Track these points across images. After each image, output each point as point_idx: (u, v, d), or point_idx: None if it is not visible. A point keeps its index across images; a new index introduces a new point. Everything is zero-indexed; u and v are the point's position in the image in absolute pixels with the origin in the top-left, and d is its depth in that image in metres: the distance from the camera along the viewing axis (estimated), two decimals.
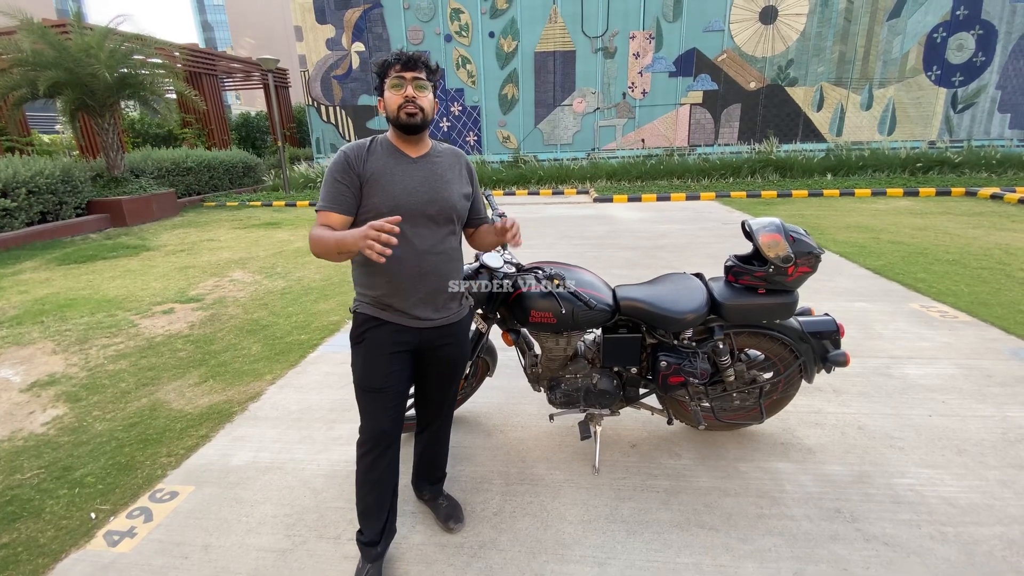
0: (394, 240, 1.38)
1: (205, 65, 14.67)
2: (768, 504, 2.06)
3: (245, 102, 55.04)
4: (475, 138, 14.49)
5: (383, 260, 1.37)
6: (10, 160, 8.33)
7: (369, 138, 1.70)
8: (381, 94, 1.65)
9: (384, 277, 1.67)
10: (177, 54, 12.66)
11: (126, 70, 9.54)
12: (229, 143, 15.73)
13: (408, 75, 1.58)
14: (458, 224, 1.77)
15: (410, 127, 1.61)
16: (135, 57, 9.85)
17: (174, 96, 11.43)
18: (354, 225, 1.63)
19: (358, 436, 1.76)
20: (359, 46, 14.18)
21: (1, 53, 8.64)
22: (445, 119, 14.42)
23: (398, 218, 1.42)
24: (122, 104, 10.78)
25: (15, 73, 8.59)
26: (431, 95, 1.65)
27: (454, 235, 1.76)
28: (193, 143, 14.53)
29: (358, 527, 1.80)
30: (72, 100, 9.02)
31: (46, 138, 15.79)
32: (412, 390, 1.97)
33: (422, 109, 1.61)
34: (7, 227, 7.82)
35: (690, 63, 13.19)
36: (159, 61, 10.60)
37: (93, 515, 2.15)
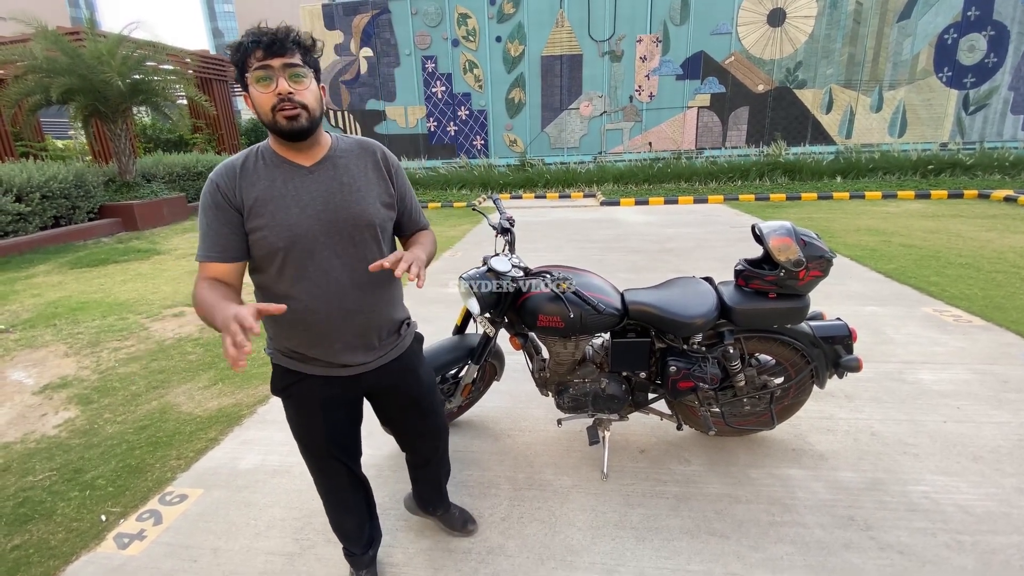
0: (248, 347, 0.98)
1: (216, 71, 14.83)
2: (780, 511, 2.03)
3: None
4: (482, 142, 14.51)
5: (238, 369, 0.98)
6: (24, 165, 8.45)
7: (245, 150, 1.31)
8: (245, 88, 1.22)
9: (298, 326, 1.33)
10: (188, 60, 12.81)
11: (139, 76, 9.67)
12: (239, 148, 15.88)
13: (276, 63, 1.17)
14: (384, 240, 1.41)
15: (293, 134, 1.23)
16: (148, 64, 9.98)
17: (185, 102, 11.57)
18: (251, 267, 1.34)
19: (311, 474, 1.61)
20: (367, 51, 14.27)
21: (16, 60, 8.78)
22: (452, 123, 14.46)
23: (282, 308, 1.09)
24: (134, 110, 10.92)
25: (29, 79, 8.72)
26: (313, 84, 1.24)
27: (381, 255, 1.37)
28: (204, 148, 14.69)
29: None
30: (85, 106, 9.15)
31: (60, 143, 16.01)
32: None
33: (305, 107, 1.21)
34: (21, 231, 7.93)
35: (697, 66, 13.14)
36: (171, 67, 10.73)
37: (103, 517, 2.17)
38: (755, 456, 2.37)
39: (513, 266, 2.07)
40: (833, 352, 2.21)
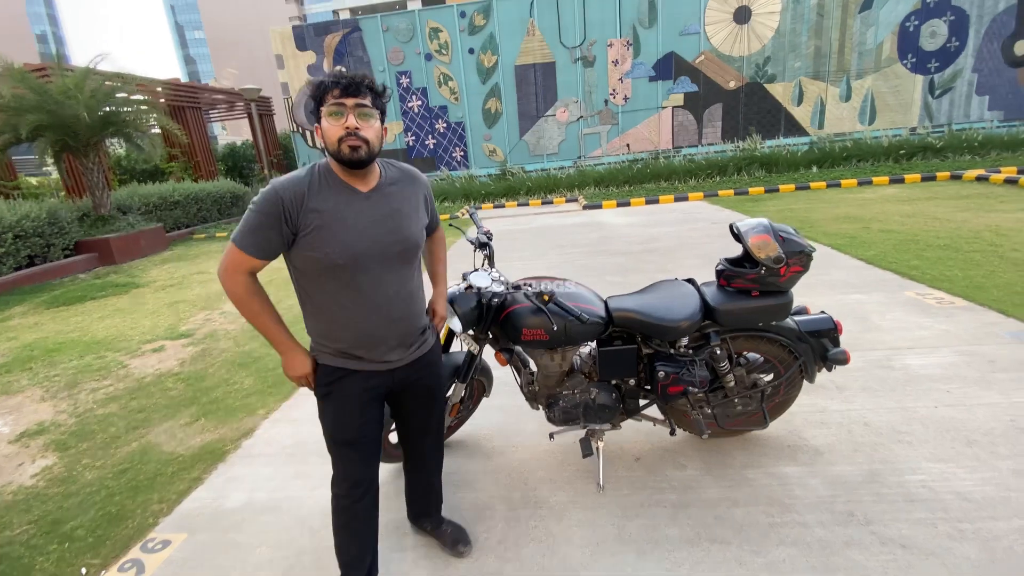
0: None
1: (188, 98, 14.69)
2: (779, 512, 2.00)
3: (231, 132, 55.24)
4: (462, 153, 14.53)
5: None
6: None
7: (307, 170, 1.46)
8: (318, 120, 1.42)
9: (350, 331, 1.52)
10: (159, 89, 12.66)
11: (110, 109, 9.52)
12: (216, 174, 15.71)
13: (349, 102, 1.36)
14: (419, 257, 1.64)
15: (353, 163, 1.41)
16: (118, 95, 9.85)
17: (159, 131, 11.42)
18: (306, 276, 1.49)
19: (332, 483, 1.69)
20: (341, 70, 14.24)
21: None
22: (431, 136, 14.47)
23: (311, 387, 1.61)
24: (107, 142, 10.75)
25: None
26: (378, 123, 1.43)
27: (417, 269, 1.64)
28: (180, 176, 14.50)
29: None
30: (55, 142, 8.98)
31: (34, 180, 15.70)
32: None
33: (367, 141, 1.39)
34: None
35: (669, 67, 13.31)
36: (141, 98, 10.59)
37: (84, 570, 2.07)
38: (751, 455, 2.34)
39: (493, 280, 2.04)
40: (820, 346, 2.20)
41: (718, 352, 2.11)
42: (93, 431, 3.22)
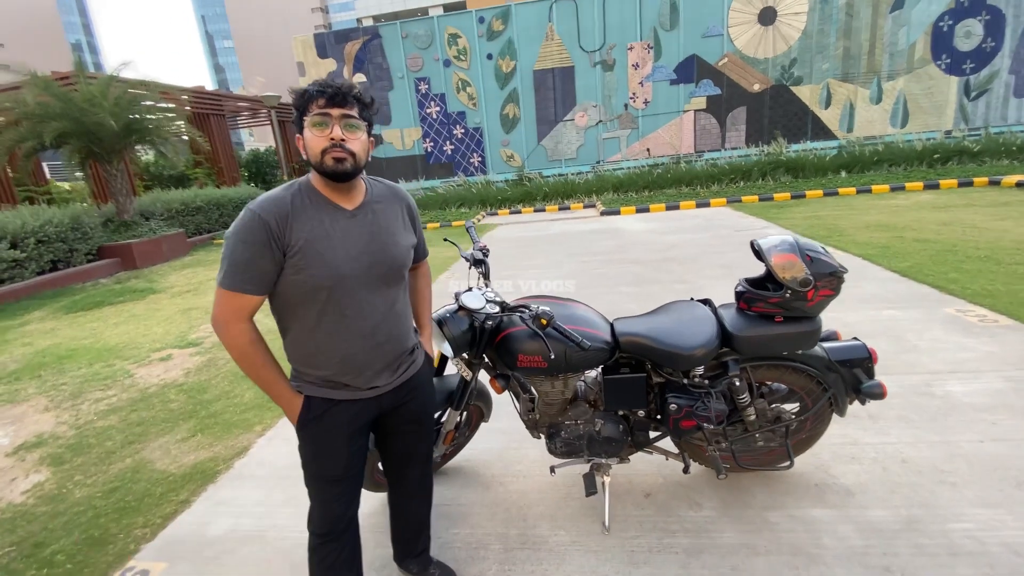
0: None
1: (212, 106, 14.94)
2: (805, 563, 1.79)
3: (258, 138, 56.33)
4: (479, 159, 14.44)
5: None
6: (19, 211, 8.44)
7: (287, 188, 1.36)
8: (300, 131, 1.33)
9: (334, 358, 1.42)
10: (184, 97, 12.89)
11: (133, 116, 9.69)
12: (239, 180, 15.93)
13: (335, 112, 1.28)
14: (406, 277, 1.56)
15: (338, 175, 1.33)
16: (144, 103, 10.02)
17: (186, 137, 11.62)
18: (284, 304, 1.38)
19: (308, 520, 1.57)
20: (360, 77, 14.31)
21: (9, 107, 8.85)
22: (449, 142, 14.42)
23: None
24: (137, 148, 10.96)
25: (22, 126, 8.77)
26: (364, 136, 1.35)
27: (404, 290, 1.55)
28: (204, 182, 14.74)
29: None
30: (79, 148, 9.17)
31: (66, 185, 16.12)
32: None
33: (352, 154, 1.31)
34: (17, 278, 7.88)
35: (691, 70, 13.01)
36: (166, 105, 10.77)
37: None
38: (773, 495, 2.13)
39: (488, 301, 1.88)
40: (852, 377, 1.98)
41: (737, 383, 1.91)
42: (90, 445, 3.16)
